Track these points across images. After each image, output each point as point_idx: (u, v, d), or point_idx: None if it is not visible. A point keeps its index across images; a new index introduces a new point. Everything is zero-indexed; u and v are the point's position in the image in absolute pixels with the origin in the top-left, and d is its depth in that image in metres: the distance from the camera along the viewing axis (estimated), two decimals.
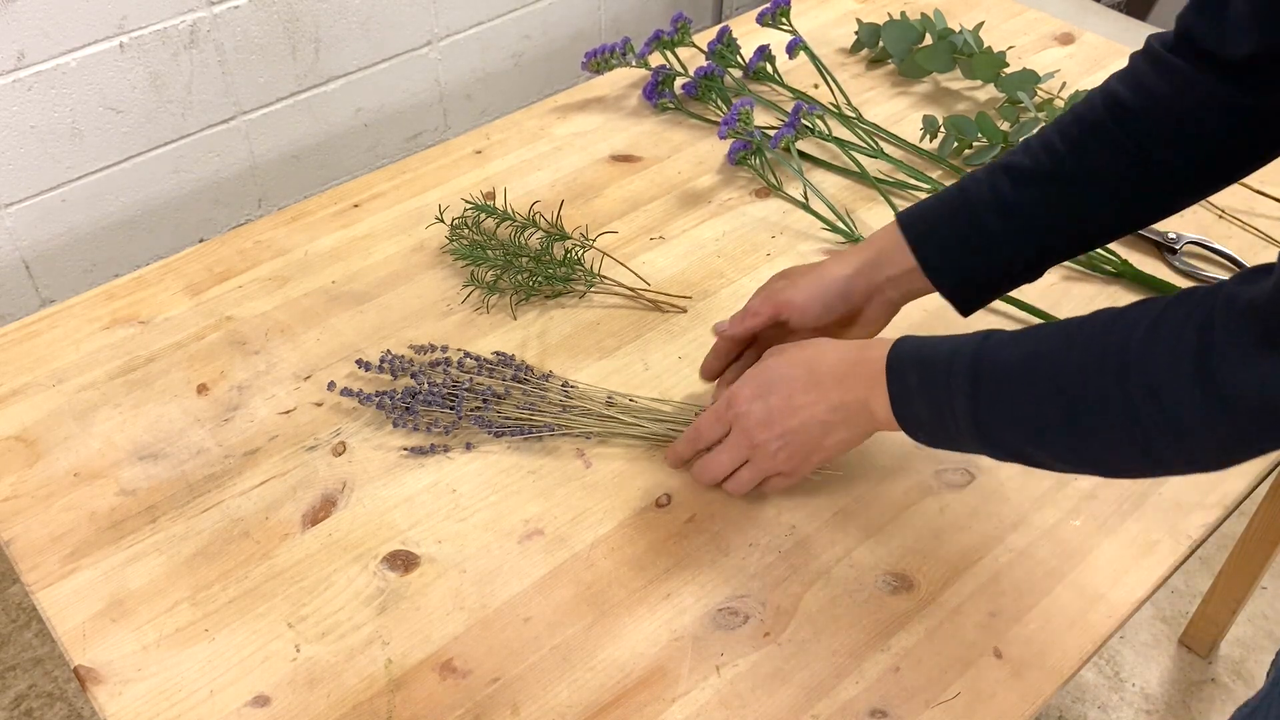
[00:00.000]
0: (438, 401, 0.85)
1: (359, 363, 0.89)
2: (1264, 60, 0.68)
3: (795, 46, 1.22)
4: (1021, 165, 0.77)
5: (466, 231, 1.01)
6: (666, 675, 0.70)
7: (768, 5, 1.24)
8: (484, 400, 0.85)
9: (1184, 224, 1.04)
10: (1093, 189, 0.76)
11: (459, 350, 0.90)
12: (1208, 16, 0.70)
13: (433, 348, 0.91)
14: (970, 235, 0.78)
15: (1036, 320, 0.94)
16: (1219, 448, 0.59)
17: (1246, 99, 0.70)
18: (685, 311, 0.96)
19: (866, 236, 0.84)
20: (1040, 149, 0.77)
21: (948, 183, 1.09)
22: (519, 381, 0.87)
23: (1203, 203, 1.07)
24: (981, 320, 0.95)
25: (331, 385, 0.88)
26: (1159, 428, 0.58)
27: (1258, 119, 0.71)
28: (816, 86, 1.23)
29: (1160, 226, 1.03)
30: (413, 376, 0.87)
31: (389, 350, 0.91)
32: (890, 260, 0.80)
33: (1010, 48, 1.27)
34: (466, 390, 0.85)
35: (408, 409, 0.85)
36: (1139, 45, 0.76)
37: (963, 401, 0.65)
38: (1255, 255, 1.01)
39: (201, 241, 1.13)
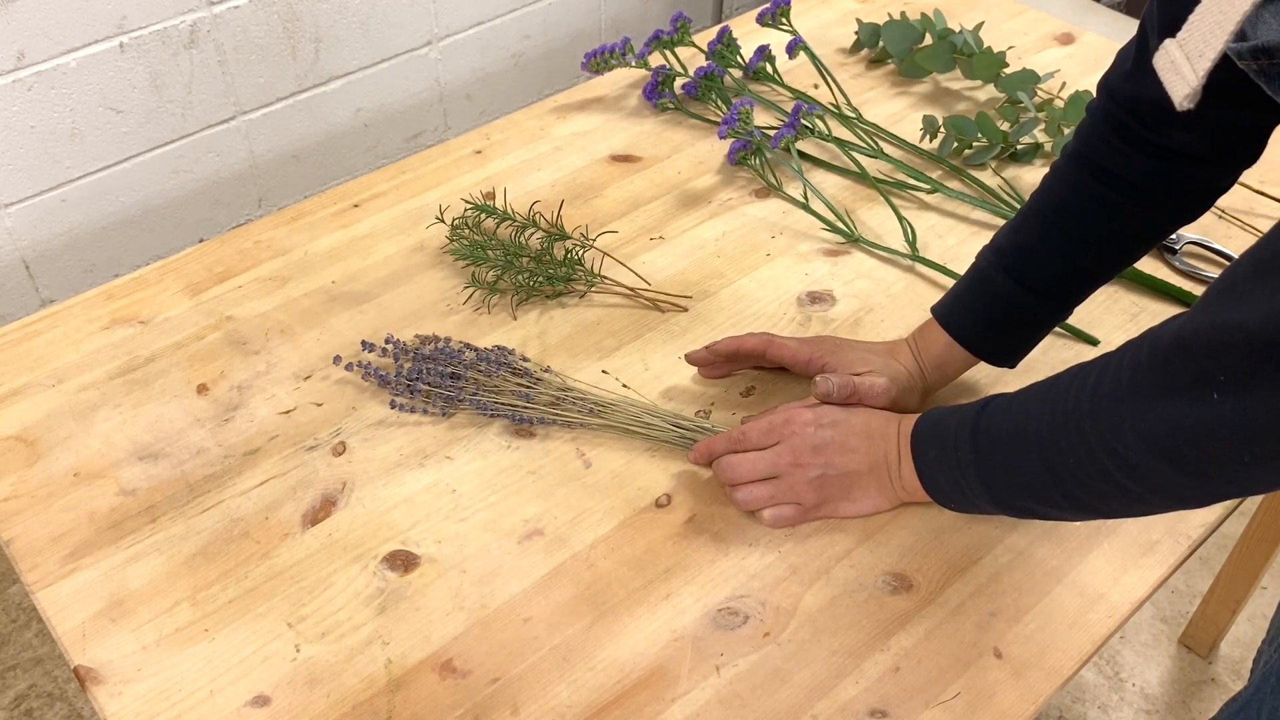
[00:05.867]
0: (438, 382, 0.86)
1: (364, 344, 0.89)
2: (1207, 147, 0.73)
3: (795, 46, 1.22)
4: (1020, 245, 0.80)
5: (467, 231, 1.01)
6: (666, 675, 0.70)
7: (768, 5, 1.24)
8: (480, 385, 0.86)
9: None
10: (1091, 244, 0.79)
11: (460, 342, 0.91)
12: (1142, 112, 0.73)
13: (436, 338, 0.91)
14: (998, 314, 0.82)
15: None
16: (1189, 495, 0.61)
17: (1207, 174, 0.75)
18: (685, 311, 0.96)
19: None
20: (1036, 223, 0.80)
21: (948, 183, 1.10)
22: (517, 373, 0.87)
23: None
24: None
25: (338, 359, 0.90)
26: (1122, 473, 0.60)
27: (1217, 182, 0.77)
28: (816, 86, 1.23)
29: None
30: (415, 360, 0.88)
31: (391, 333, 0.92)
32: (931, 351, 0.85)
33: (1010, 48, 1.27)
34: (467, 368, 0.87)
35: (409, 388, 0.86)
36: None
37: (970, 470, 0.70)
38: None
39: (201, 241, 1.13)
